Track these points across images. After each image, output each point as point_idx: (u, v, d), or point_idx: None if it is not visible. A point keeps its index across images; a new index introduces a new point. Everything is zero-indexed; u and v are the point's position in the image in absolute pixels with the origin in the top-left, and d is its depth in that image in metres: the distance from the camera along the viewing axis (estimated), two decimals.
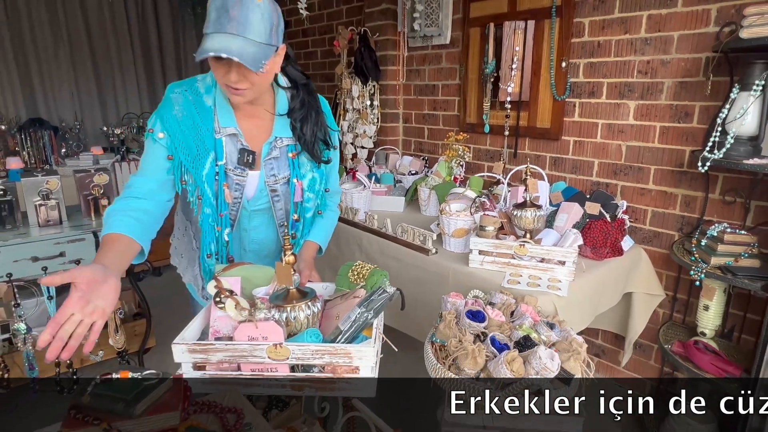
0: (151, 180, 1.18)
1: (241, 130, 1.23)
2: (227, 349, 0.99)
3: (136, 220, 1.09)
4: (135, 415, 0.63)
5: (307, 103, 1.25)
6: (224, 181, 1.22)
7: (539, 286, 1.62)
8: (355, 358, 0.97)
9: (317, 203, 1.36)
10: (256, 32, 1.03)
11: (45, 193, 1.94)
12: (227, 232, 1.28)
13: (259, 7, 1.02)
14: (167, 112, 1.19)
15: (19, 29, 3.87)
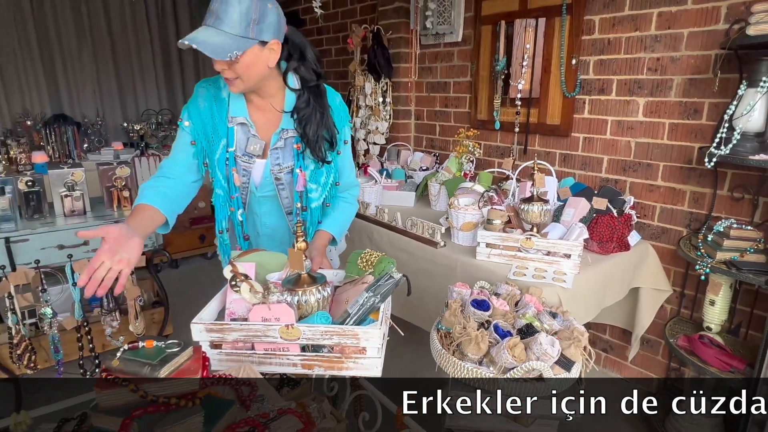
0: (178, 162, 1.31)
1: (252, 121, 1.31)
2: (242, 329, 1.05)
3: (163, 195, 1.24)
4: (159, 377, 0.69)
5: (312, 104, 1.30)
6: (233, 166, 1.32)
7: (544, 279, 1.66)
8: (362, 340, 1.03)
9: (324, 195, 1.41)
10: (230, 25, 1.10)
11: (70, 184, 2.03)
12: (240, 213, 1.39)
13: (239, 3, 1.09)
14: (193, 103, 1.31)
15: (45, 29, 4.00)
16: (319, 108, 1.32)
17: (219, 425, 0.76)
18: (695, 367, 1.76)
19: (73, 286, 1.95)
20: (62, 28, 4.07)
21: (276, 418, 0.81)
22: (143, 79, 4.50)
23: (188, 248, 3.88)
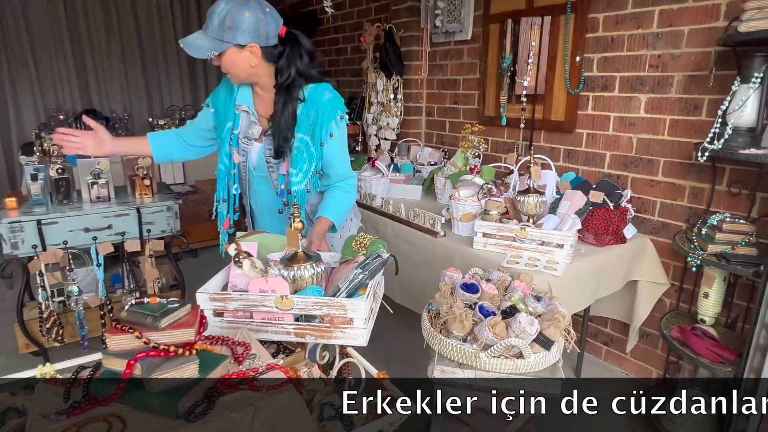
0: (190, 126, 1.66)
1: (255, 110, 1.51)
2: (242, 299, 1.16)
3: (161, 138, 1.63)
4: (160, 328, 0.80)
5: (282, 100, 1.45)
6: (234, 146, 1.52)
7: (537, 267, 1.72)
8: (350, 311, 1.12)
9: (306, 181, 1.50)
10: (212, 30, 1.32)
11: (97, 172, 2.19)
12: (235, 187, 1.59)
13: (219, 12, 1.31)
14: (217, 91, 1.59)
15: (77, 28, 4.23)
16: (281, 107, 1.45)
17: (213, 374, 0.86)
18: (687, 357, 1.80)
19: (98, 266, 2.11)
20: (92, 27, 4.29)
21: (264, 372, 0.91)
22: (168, 76, 4.69)
23: (208, 239, 4.04)
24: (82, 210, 2.10)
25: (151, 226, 2.21)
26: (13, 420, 0.92)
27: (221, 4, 1.32)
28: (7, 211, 2.02)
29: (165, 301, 0.84)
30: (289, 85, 1.44)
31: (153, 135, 1.63)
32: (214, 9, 1.32)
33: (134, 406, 0.81)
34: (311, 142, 1.48)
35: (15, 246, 1.96)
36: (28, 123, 4.16)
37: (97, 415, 0.79)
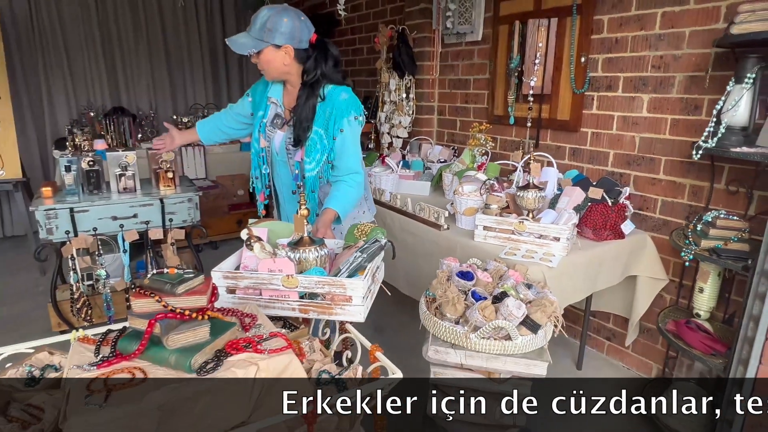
0: (229, 112, 1.94)
1: (282, 103, 1.72)
2: (252, 278, 1.28)
3: (205, 126, 1.99)
4: (177, 293, 0.92)
5: (305, 95, 1.65)
6: (262, 132, 1.75)
7: (533, 258, 1.80)
8: (349, 289, 1.23)
9: (318, 169, 1.66)
10: (254, 31, 1.55)
11: (124, 165, 2.35)
12: (264, 168, 1.82)
13: (261, 17, 1.54)
14: (257, 84, 1.83)
15: (108, 30, 4.44)
16: (303, 100, 1.65)
17: (222, 337, 0.98)
18: (681, 350, 1.86)
19: (124, 252, 2.27)
20: (122, 29, 4.50)
21: (268, 339, 1.02)
22: (192, 76, 4.88)
23: (227, 232, 4.21)
24: (111, 200, 2.26)
25: (173, 216, 2.36)
26: (51, 373, 1.05)
27: (264, 11, 1.55)
28: (43, 199, 2.19)
29: (182, 272, 0.96)
30: (313, 83, 1.63)
31: (200, 123, 1.99)
32: (257, 14, 1.55)
33: (153, 361, 0.93)
34: (324, 135, 1.65)
35: (50, 231, 2.13)
36: (61, 119, 4.39)
37: (122, 367, 0.91)
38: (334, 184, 1.69)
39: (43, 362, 1.09)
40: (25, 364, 1.07)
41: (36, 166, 4.33)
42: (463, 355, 1.41)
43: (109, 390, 0.85)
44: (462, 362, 1.42)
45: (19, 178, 3.50)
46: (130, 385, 0.87)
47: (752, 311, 1.57)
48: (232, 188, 4.38)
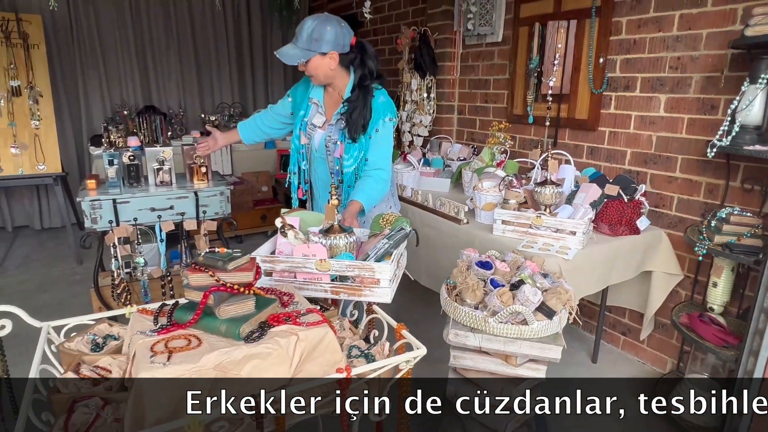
0: (270, 111, 2.05)
1: (322, 103, 1.85)
2: (288, 261, 1.39)
3: (246, 127, 2.11)
4: (227, 269, 1.03)
5: (360, 98, 1.77)
6: (302, 130, 1.89)
7: (549, 251, 1.88)
8: (377, 273, 1.34)
9: (356, 166, 1.79)
10: (301, 42, 1.69)
11: (161, 160, 2.49)
12: (303, 163, 1.94)
13: (307, 28, 1.68)
14: (300, 84, 1.94)
15: (141, 32, 4.63)
16: (362, 102, 1.77)
17: (264, 311, 1.09)
18: (694, 342, 1.91)
19: (161, 241, 2.41)
20: (154, 31, 4.69)
21: (305, 314, 1.13)
22: (219, 74, 5.05)
23: (252, 226, 4.36)
24: (148, 192, 2.41)
25: (206, 208, 2.50)
26: (111, 342, 1.18)
27: (308, 22, 1.68)
28: (87, 191, 2.35)
29: (231, 251, 1.08)
30: (366, 84, 1.76)
31: (241, 125, 2.12)
32: (302, 26, 1.68)
33: (205, 329, 1.05)
34: (363, 134, 1.78)
35: (94, 221, 2.28)
36: (96, 117, 4.60)
37: (179, 334, 1.03)
38: (361, 178, 1.80)
39: (104, 332, 1.22)
40: (89, 333, 1.20)
41: (72, 161, 4.54)
42: (482, 338, 1.50)
43: (170, 352, 0.97)
44: (480, 345, 1.51)
45: (59, 173, 3.70)
46: (188, 349, 0.98)
47: (764, 304, 1.63)
48: (257, 184, 4.53)
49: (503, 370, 1.58)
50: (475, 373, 1.64)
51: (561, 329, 1.52)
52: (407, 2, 3.89)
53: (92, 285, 2.47)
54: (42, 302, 3.05)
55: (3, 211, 4.42)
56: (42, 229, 4.56)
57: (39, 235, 4.46)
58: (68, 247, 4.00)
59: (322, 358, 1.08)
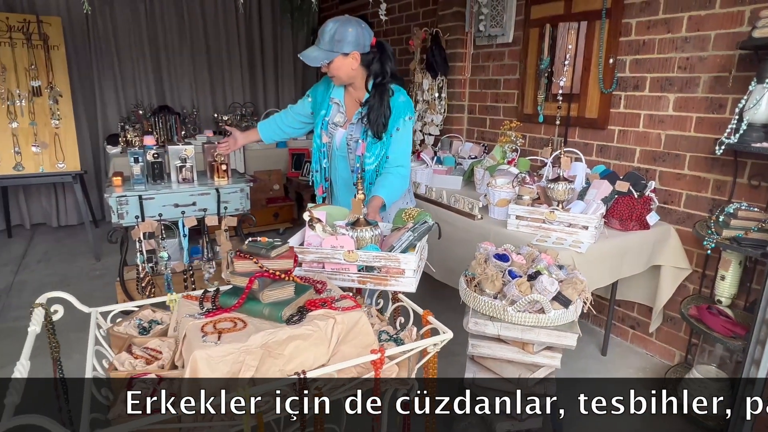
0: (290, 111, 2.12)
1: (343, 103, 1.91)
2: (317, 252, 1.47)
3: (266, 127, 2.17)
4: (270, 257, 1.11)
5: (377, 97, 1.83)
6: (324, 129, 1.95)
7: (563, 245, 1.95)
8: (402, 263, 1.41)
9: (377, 163, 1.86)
10: (323, 44, 1.76)
11: (183, 157, 2.57)
12: (324, 162, 2.00)
13: (329, 30, 1.74)
14: (319, 85, 2.01)
15: (155, 34, 4.72)
16: (379, 100, 1.83)
17: (302, 297, 1.17)
18: (702, 333, 1.98)
19: (184, 236, 2.49)
20: (168, 33, 4.78)
21: (339, 299, 1.21)
22: (231, 75, 5.14)
23: (265, 224, 4.44)
24: (172, 189, 2.49)
25: (227, 205, 2.58)
26: (158, 326, 1.26)
27: (330, 24, 1.75)
28: (113, 188, 2.43)
29: (272, 241, 1.16)
30: (383, 83, 1.82)
31: (261, 125, 2.18)
32: (324, 28, 1.75)
33: (249, 313, 1.13)
34: (384, 132, 1.86)
35: (121, 216, 2.36)
36: (111, 116, 4.69)
37: (225, 317, 1.11)
38: (382, 175, 1.88)
39: (148, 317, 1.30)
40: (135, 318, 1.28)
41: (88, 160, 4.63)
42: (500, 326, 1.57)
43: (219, 333, 1.04)
44: (499, 333, 1.59)
45: (78, 171, 3.79)
46: (235, 330, 1.06)
47: None
48: (269, 183, 4.61)
49: (520, 358, 1.65)
50: (492, 362, 1.72)
51: (576, 317, 1.59)
52: (417, 3, 3.96)
53: (117, 278, 2.55)
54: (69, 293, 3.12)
55: (21, 208, 4.52)
56: (59, 227, 4.65)
57: (56, 232, 4.56)
58: (86, 244, 4.09)
59: (356, 341, 1.15)
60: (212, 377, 0.97)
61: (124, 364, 1.07)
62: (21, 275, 3.54)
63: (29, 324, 1.12)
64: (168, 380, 1.03)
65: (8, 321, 2.86)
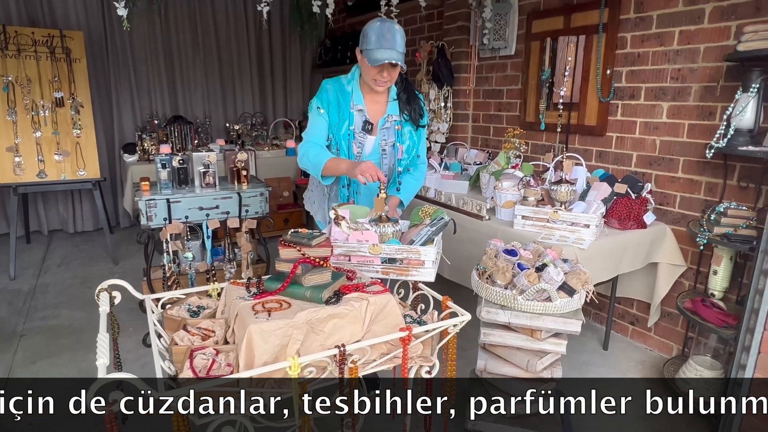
0: (317, 134, 1.87)
1: (366, 109, 1.87)
2: (344, 246, 1.62)
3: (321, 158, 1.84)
4: (311, 245, 1.26)
5: (409, 90, 1.91)
6: (352, 139, 1.88)
7: (566, 242, 2.10)
8: (422, 255, 1.56)
9: (408, 162, 1.98)
10: (400, 46, 1.70)
11: (207, 164, 2.73)
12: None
13: (399, 31, 1.71)
14: (324, 95, 1.87)
15: (170, 46, 4.91)
16: (409, 89, 1.92)
17: (337, 282, 1.31)
18: (697, 324, 2.12)
19: (207, 238, 2.64)
20: (182, 45, 4.96)
21: (369, 285, 1.35)
22: (241, 85, 5.32)
23: (276, 229, 4.58)
24: (196, 193, 2.64)
25: (248, 208, 2.73)
26: (205, 310, 1.40)
27: (395, 26, 1.69)
28: (142, 192, 2.58)
29: (311, 231, 1.31)
30: (407, 80, 1.92)
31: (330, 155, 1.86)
32: (393, 32, 1.68)
33: (292, 296, 1.27)
34: (414, 132, 1.97)
35: (150, 218, 2.51)
36: (127, 126, 4.86)
37: (271, 299, 1.26)
38: (410, 174, 2.02)
39: (196, 303, 1.44)
40: (185, 304, 1.42)
41: (104, 168, 4.79)
42: (511, 314, 1.72)
43: (268, 311, 1.19)
44: (510, 321, 1.73)
45: (98, 178, 3.94)
46: (281, 309, 1.21)
47: (758, 285, 1.84)
48: (279, 190, 4.77)
49: (529, 345, 1.80)
50: (502, 349, 1.86)
51: (581, 305, 1.74)
52: (423, 18, 4.15)
53: (143, 278, 2.69)
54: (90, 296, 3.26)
55: (40, 215, 4.66)
56: (75, 233, 4.79)
57: (72, 238, 4.70)
58: (103, 248, 4.23)
59: (386, 321, 1.30)
60: (265, 347, 1.11)
61: (183, 339, 1.22)
62: (43, 278, 3.67)
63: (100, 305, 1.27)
64: (224, 353, 1.18)
65: (35, 320, 3.00)
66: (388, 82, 1.78)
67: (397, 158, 1.93)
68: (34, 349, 2.63)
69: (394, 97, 1.90)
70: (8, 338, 2.74)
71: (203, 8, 4.96)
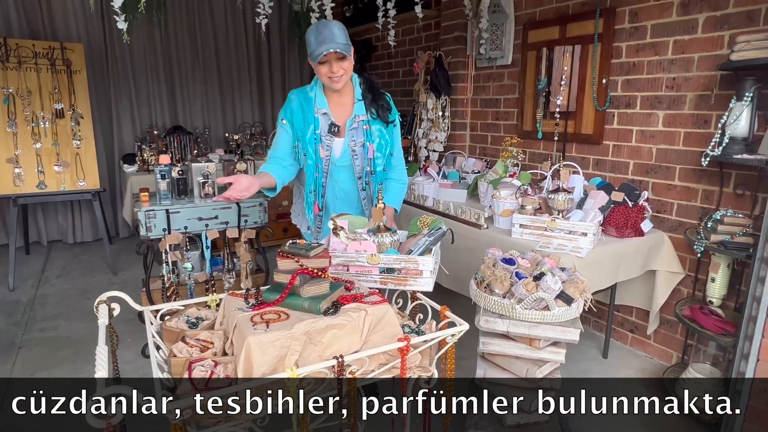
0: (280, 150, 1.90)
1: (331, 112, 1.88)
2: (343, 256, 1.62)
3: (274, 168, 1.85)
4: (309, 256, 1.27)
5: (374, 89, 1.92)
6: (319, 143, 1.87)
7: (564, 250, 2.11)
8: (420, 265, 1.57)
9: (384, 161, 1.96)
10: (339, 37, 1.71)
11: (206, 174, 2.74)
12: (320, 178, 1.92)
13: (336, 24, 1.74)
14: (288, 106, 1.90)
15: (169, 57, 4.95)
16: (372, 85, 1.94)
17: (335, 293, 1.32)
18: (696, 331, 2.12)
19: (207, 248, 2.65)
20: (181, 56, 5.00)
21: (368, 295, 1.36)
22: (241, 95, 5.36)
23: (275, 238, 4.59)
24: (195, 203, 2.65)
25: (246, 218, 2.74)
26: (204, 322, 1.41)
27: (332, 24, 1.73)
28: (141, 203, 2.59)
29: (309, 243, 1.31)
30: (369, 80, 1.94)
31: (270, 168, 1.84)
32: (329, 26, 1.71)
33: (290, 307, 1.28)
34: (385, 129, 1.95)
35: (149, 229, 2.52)
36: (126, 137, 4.88)
37: (269, 310, 1.26)
38: (390, 183, 2.02)
39: (195, 314, 1.44)
40: (184, 315, 1.42)
41: (104, 178, 4.80)
42: (509, 323, 1.72)
43: (267, 323, 1.19)
44: (508, 330, 1.73)
45: (98, 189, 3.95)
46: (280, 320, 1.21)
47: (755, 293, 1.84)
48: (278, 199, 4.78)
49: (528, 354, 1.80)
50: (501, 358, 1.86)
51: (579, 314, 1.74)
52: (421, 28, 4.19)
53: (143, 289, 2.69)
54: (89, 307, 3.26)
55: (39, 226, 4.67)
56: (74, 243, 4.79)
57: (72, 248, 4.70)
58: (102, 259, 4.23)
59: (384, 331, 1.30)
60: (263, 359, 1.12)
61: (181, 351, 1.22)
62: (42, 289, 3.67)
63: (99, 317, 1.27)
64: (222, 364, 1.18)
65: (34, 332, 2.99)
66: (343, 75, 1.77)
67: (368, 157, 1.92)
68: (33, 361, 2.62)
69: (359, 98, 1.90)
70: (7, 350, 2.73)
71: (203, 20, 5.01)
